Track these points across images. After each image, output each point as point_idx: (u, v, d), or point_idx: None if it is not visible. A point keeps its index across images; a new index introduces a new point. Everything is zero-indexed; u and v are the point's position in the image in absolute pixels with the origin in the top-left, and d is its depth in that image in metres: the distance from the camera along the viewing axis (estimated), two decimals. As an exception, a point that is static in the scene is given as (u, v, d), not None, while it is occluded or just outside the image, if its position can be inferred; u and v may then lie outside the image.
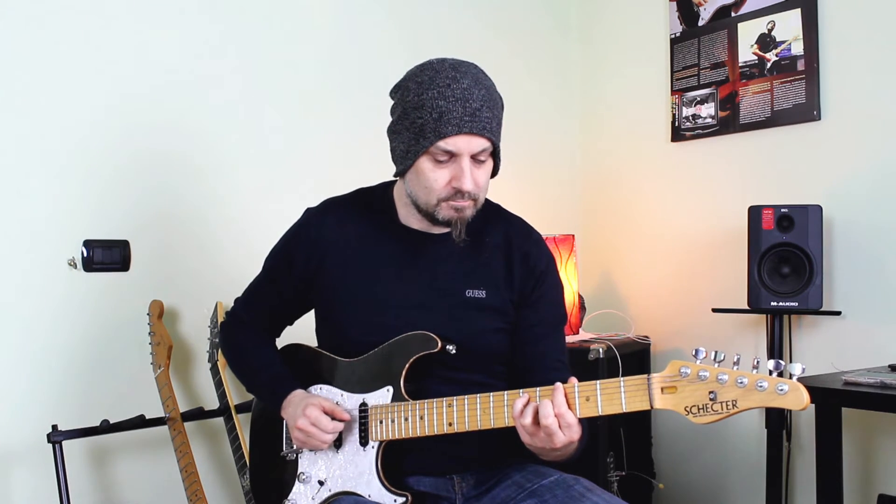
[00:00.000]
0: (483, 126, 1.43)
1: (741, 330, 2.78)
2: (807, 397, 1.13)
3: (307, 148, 2.56)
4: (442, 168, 1.44)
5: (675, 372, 1.21)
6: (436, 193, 1.46)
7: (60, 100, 2.11)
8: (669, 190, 3.04)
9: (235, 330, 1.70)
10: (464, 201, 1.46)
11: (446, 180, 1.45)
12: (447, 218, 1.48)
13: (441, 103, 1.41)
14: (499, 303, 1.54)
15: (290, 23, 2.54)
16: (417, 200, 1.50)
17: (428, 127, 1.42)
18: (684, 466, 2.98)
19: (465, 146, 1.42)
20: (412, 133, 1.44)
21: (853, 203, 2.52)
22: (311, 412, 1.46)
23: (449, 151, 1.43)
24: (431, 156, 1.44)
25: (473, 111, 1.41)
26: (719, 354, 1.19)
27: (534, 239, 1.62)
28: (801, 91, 2.63)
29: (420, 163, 1.45)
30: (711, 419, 1.18)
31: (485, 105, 1.43)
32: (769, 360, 1.15)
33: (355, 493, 1.46)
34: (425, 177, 1.45)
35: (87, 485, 2.14)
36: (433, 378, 1.48)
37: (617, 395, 1.25)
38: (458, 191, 1.44)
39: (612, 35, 3.25)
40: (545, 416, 1.28)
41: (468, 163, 1.44)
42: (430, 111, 1.41)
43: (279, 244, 1.67)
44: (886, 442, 2.46)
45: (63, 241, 2.12)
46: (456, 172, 1.44)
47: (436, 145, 1.42)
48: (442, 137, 1.41)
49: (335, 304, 1.57)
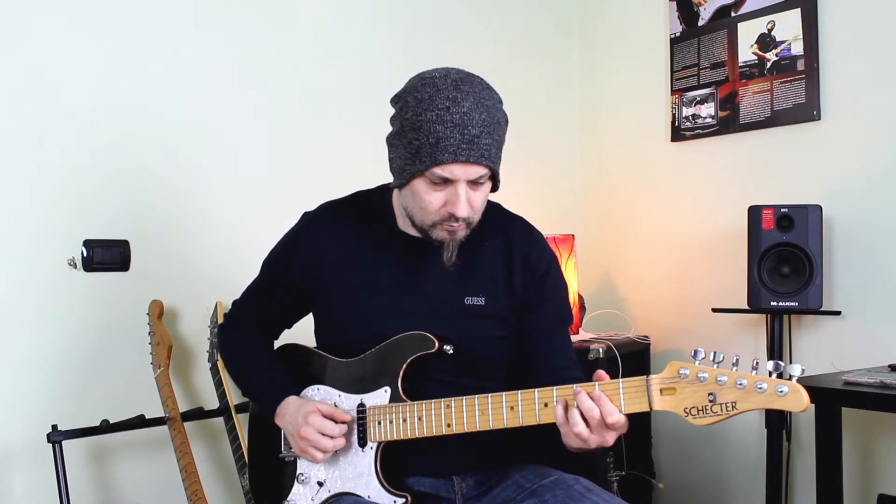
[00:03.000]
0: (481, 154, 1.38)
1: (741, 330, 2.78)
2: (807, 399, 1.13)
3: (307, 148, 2.56)
4: (437, 191, 1.41)
5: (674, 373, 1.21)
6: (430, 216, 1.44)
7: (61, 100, 2.11)
8: (669, 190, 3.04)
9: (232, 333, 1.69)
10: (457, 224, 1.44)
11: (441, 203, 1.42)
12: (440, 239, 1.46)
13: (438, 128, 1.35)
14: (498, 310, 1.52)
15: (290, 23, 2.54)
16: (413, 217, 1.48)
17: (424, 151, 1.37)
18: (684, 466, 2.98)
19: (461, 174, 1.39)
20: (409, 153, 1.40)
21: (853, 203, 2.52)
22: (314, 420, 1.44)
23: (444, 178, 1.39)
24: (427, 179, 1.40)
25: (472, 138, 1.36)
26: (718, 355, 1.19)
27: (534, 239, 1.60)
28: (801, 91, 2.63)
29: (415, 183, 1.42)
30: (711, 421, 1.18)
31: (484, 131, 1.38)
32: (768, 362, 1.14)
33: (355, 494, 1.45)
34: (420, 198, 1.43)
35: (87, 485, 2.14)
36: (433, 383, 1.47)
37: (616, 397, 1.24)
38: (453, 215, 1.42)
39: (612, 35, 3.25)
40: (609, 413, 1.24)
41: (464, 189, 1.40)
42: (426, 135, 1.36)
43: (277, 249, 1.65)
44: (886, 442, 2.46)
45: (63, 241, 2.12)
46: (451, 197, 1.41)
47: (431, 170, 1.38)
48: (437, 164, 1.37)
49: (332, 311, 1.56)
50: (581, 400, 1.26)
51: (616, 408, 1.24)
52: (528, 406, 1.32)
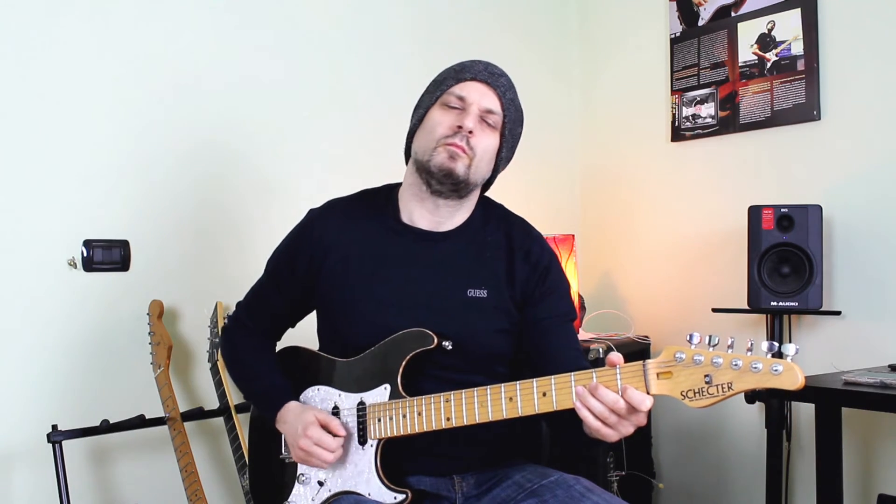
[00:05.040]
0: (499, 86, 1.52)
1: (741, 330, 2.78)
2: (801, 376, 1.13)
3: (308, 148, 2.56)
4: (450, 113, 1.50)
5: (671, 357, 1.21)
6: (438, 133, 1.49)
7: (61, 100, 2.11)
8: (669, 190, 3.04)
9: (236, 335, 1.69)
10: (461, 144, 1.48)
11: (451, 122, 1.49)
12: (439, 163, 1.48)
13: (466, 63, 1.55)
14: (501, 302, 1.53)
15: (290, 23, 2.54)
16: (418, 154, 1.53)
17: (447, 77, 1.53)
18: (684, 466, 2.98)
19: (477, 95, 1.50)
20: (430, 91, 1.56)
21: (853, 203, 2.52)
22: (313, 432, 1.44)
23: (461, 97, 1.50)
24: (443, 104, 1.51)
25: (495, 73, 1.53)
26: (713, 339, 1.20)
27: (534, 236, 1.62)
28: (801, 91, 2.63)
29: (431, 112, 1.53)
30: (708, 402, 1.18)
31: (507, 82, 1.55)
32: (763, 342, 1.15)
33: (355, 493, 1.46)
34: (432, 122, 1.51)
35: (87, 485, 2.14)
36: (433, 380, 1.47)
37: (613, 382, 1.25)
38: (459, 132, 1.48)
39: (612, 35, 3.25)
40: (639, 401, 1.23)
41: (476, 112, 1.50)
42: (453, 68, 1.55)
43: (282, 245, 1.66)
44: (886, 442, 2.46)
45: (63, 241, 2.12)
46: (462, 116, 1.49)
47: (450, 90, 1.50)
48: (459, 82, 1.51)
49: (336, 305, 1.56)
50: (602, 393, 1.23)
51: (644, 392, 1.22)
52: (526, 396, 1.31)
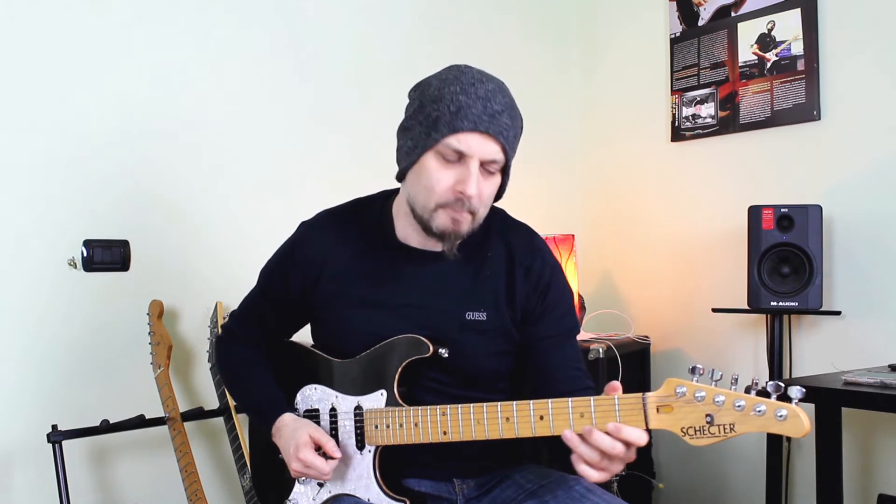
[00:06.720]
0: (500, 130, 1.35)
1: (741, 330, 2.78)
2: (807, 424, 1.08)
3: (308, 148, 2.56)
4: (448, 169, 1.37)
5: (671, 391, 1.16)
6: (436, 196, 1.38)
7: (61, 100, 2.11)
8: (669, 190, 3.04)
9: (229, 346, 1.67)
10: (463, 212, 1.39)
11: (450, 183, 1.37)
12: (442, 228, 1.40)
13: (462, 98, 1.34)
14: (501, 324, 1.48)
15: (290, 23, 2.54)
16: (415, 204, 1.43)
17: (443, 120, 1.34)
18: (684, 466, 2.98)
19: (477, 148, 1.35)
20: (425, 127, 1.37)
21: (853, 203, 2.52)
22: (306, 456, 1.41)
23: (459, 151, 1.35)
24: (440, 154, 1.37)
25: (494, 112, 1.35)
26: (716, 373, 1.15)
27: (536, 247, 1.55)
28: (801, 91, 2.63)
29: (426, 159, 1.38)
30: (709, 442, 1.14)
31: (506, 112, 1.37)
32: (768, 383, 1.10)
33: (355, 496, 1.45)
34: (428, 175, 1.38)
35: (87, 485, 2.14)
36: (431, 392, 1.45)
37: (612, 414, 1.20)
38: (460, 197, 1.37)
39: (612, 35, 3.25)
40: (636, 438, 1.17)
41: (477, 167, 1.36)
42: (448, 104, 1.34)
43: (273, 260, 1.62)
44: (886, 442, 2.46)
45: (63, 241, 2.12)
46: (462, 176, 1.36)
47: (447, 140, 1.35)
48: (455, 132, 1.34)
49: (329, 325, 1.54)
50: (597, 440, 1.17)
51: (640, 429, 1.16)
52: (523, 418, 1.28)
